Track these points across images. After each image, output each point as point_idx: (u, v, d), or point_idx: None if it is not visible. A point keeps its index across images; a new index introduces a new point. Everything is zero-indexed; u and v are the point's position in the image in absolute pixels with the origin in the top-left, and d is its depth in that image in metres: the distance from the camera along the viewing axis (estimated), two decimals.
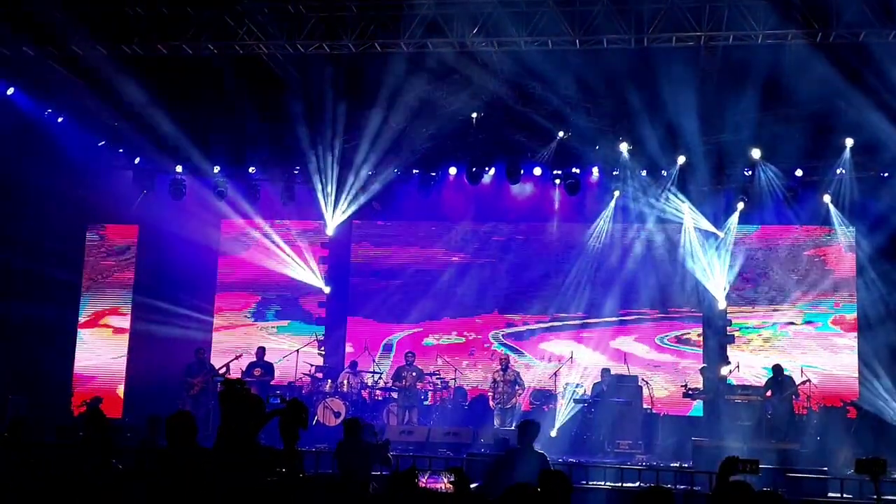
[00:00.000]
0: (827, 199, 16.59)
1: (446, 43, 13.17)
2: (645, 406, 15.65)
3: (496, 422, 15.43)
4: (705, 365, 16.40)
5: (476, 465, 11.10)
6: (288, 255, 18.28)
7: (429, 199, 17.86)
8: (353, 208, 17.65)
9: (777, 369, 15.10)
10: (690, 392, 15.34)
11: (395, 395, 16.02)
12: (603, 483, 11.79)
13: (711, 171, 16.43)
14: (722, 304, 17.25)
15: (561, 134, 16.16)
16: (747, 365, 16.53)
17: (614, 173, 16.82)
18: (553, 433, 15.53)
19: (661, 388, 17.05)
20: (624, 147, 16.18)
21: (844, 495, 11.26)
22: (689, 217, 17.12)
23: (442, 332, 18.29)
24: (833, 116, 14.77)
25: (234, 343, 18.05)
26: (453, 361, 17.37)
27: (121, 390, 17.78)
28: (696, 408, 16.07)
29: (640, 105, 14.73)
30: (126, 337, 18.09)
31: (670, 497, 5.21)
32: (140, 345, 17.84)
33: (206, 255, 18.44)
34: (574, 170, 16.94)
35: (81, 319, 18.12)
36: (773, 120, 15.10)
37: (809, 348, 17.10)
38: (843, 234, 17.10)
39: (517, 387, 15.79)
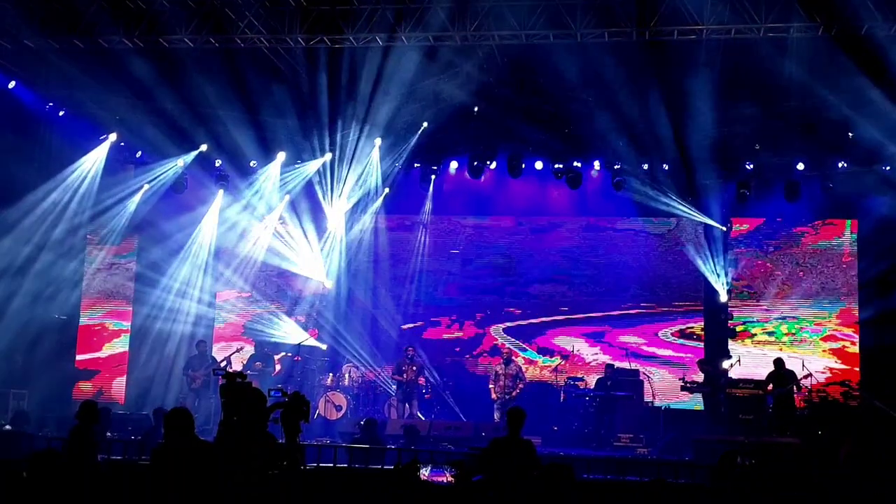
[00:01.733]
0: (829, 193, 16.57)
1: (447, 36, 13.15)
2: (646, 400, 15.67)
3: (497, 415, 15.43)
4: (704, 359, 16.36)
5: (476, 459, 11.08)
6: (288, 249, 18.25)
7: (430, 193, 17.84)
8: (354, 201, 17.63)
9: (778, 363, 15.09)
10: (688, 385, 15.34)
11: (394, 388, 16.03)
12: (604, 477, 11.77)
13: (714, 165, 16.41)
14: (724, 298, 17.25)
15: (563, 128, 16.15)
16: (749, 359, 16.53)
17: (616, 167, 16.79)
18: (555, 427, 15.54)
19: (662, 382, 17.04)
20: (625, 141, 16.14)
21: (845, 488, 11.23)
22: (691, 211, 17.10)
23: (443, 327, 18.27)
24: (835, 110, 14.73)
25: (234, 336, 18.06)
26: (455, 356, 17.32)
27: (123, 383, 17.79)
28: (698, 402, 16.04)
29: (643, 98, 14.70)
30: (128, 330, 18.12)
31: (671, 490, 5.22)
32: (141, 338, 17.83)
33: (207, 249, 18.42)
34: (576, 163, 16.91)
35: (83, 313, 18.13)
36: (775, 114, 15.06)
37: (811, 342, 17.09)
38: (846, 228, 17.06)
39: (519, 381, 15.78)
